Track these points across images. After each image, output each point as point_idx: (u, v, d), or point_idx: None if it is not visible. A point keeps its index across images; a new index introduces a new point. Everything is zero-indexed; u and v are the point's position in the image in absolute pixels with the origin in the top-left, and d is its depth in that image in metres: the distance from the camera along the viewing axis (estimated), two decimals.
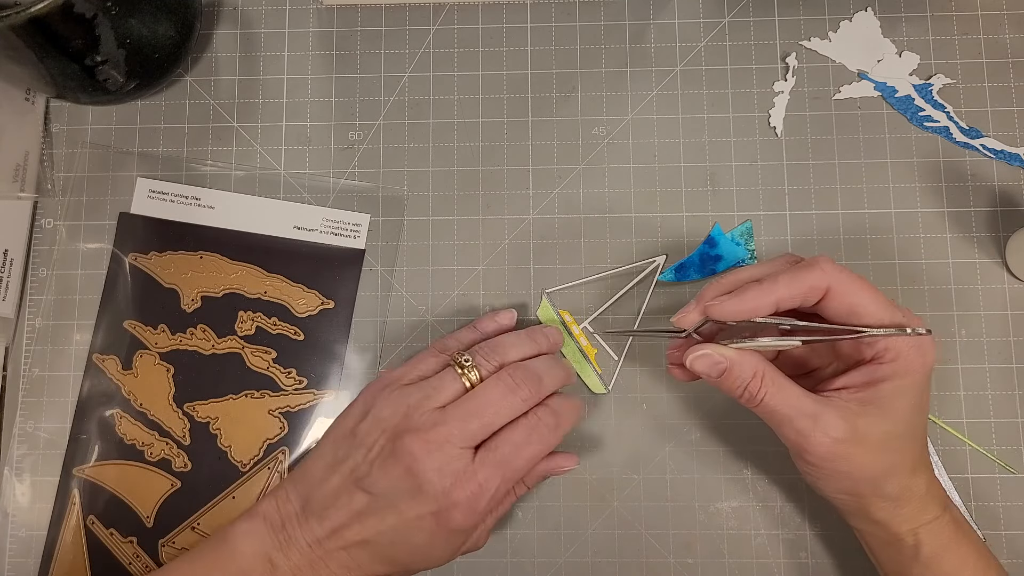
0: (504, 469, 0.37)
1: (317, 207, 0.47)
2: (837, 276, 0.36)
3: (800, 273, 0.36)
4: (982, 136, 0.47)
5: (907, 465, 0.37)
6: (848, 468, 0.36)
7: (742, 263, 0.46)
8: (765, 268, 0.38)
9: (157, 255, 0.47)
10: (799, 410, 0.36)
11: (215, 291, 0.47)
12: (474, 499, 0.37)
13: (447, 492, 0.36)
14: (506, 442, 0.38)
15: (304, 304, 0.47)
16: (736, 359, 0.37)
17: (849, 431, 0.36)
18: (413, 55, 0.48)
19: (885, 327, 0.36)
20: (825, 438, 0.36)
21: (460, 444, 0.37)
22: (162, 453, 0.45)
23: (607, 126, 0.48)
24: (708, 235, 0.46)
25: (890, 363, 0.36)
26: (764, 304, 0.36)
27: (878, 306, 0.36)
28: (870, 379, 0.36)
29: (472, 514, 0.37)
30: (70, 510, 0.45)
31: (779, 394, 0.36)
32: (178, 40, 0.45)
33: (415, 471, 0.36)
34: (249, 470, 0.45)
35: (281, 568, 0.38)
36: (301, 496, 0.39)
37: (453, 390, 0.38)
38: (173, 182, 0.48)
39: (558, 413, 0.39)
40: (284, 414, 0.46)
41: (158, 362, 0.46)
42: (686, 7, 0.48)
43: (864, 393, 0.36)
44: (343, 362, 0.46)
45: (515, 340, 0.41)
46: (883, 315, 0.36)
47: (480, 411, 0.37)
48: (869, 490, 0.37)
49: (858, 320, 0.36)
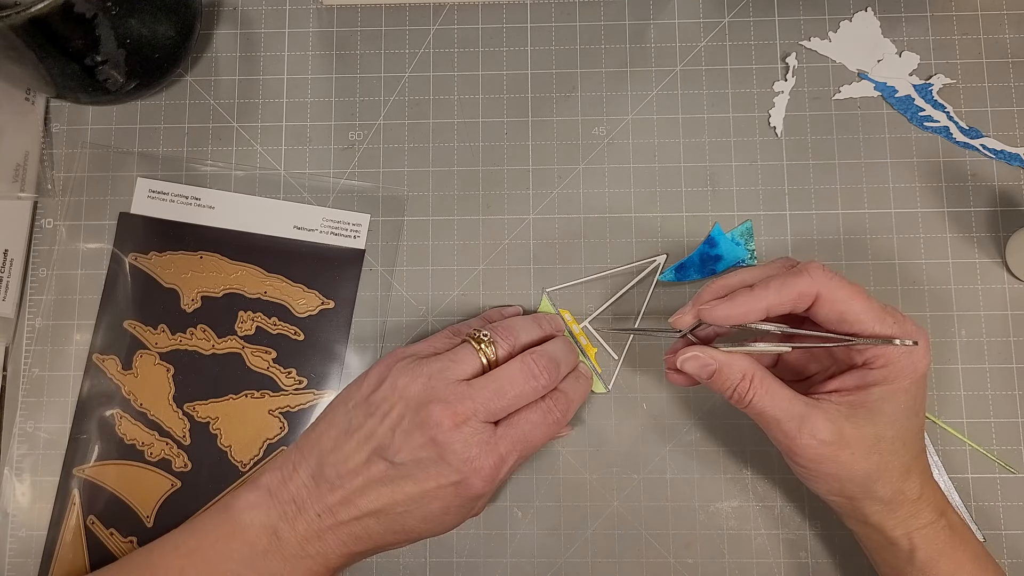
0: (522, 445, 0.38)
1: (317, 207, 0.47)
2: (826, 283, 0.36)
3: (790, 280, 0.36)
4: (982, 136, 0.47)
5: (897, 468, 0.37)
6: (835, 470, 0.37)
7: (742, 263, 0.46)
8: (759, 272, 0.38)
9: (157, 255, 0.47)
10: (787, 412, 0.37)
11: (215, 291, 0.47)
12: (495, 469, 0.37)
13: (470, 461, 0.37)
14: (525, 420, 0.38)
15: (304, 304, 0.47)
16: (725, 361, 0.38)
17: (836, 433, 0.36)
18: (413, 55, 0.48)
19: (876, 335, 0.36)
20: (812, 440, 0.36)
21: (483, 419, 0.37)
22: (162, 453, 0.45)
23: (607, 126, 0.48)
24: (708, 235, 0.46)
25: (880, 368, 0.36)
26: (754, 309, 0.37)
27: (868, 314, 0.36)
28: (860, 383, 0.37)
29: (491, 483, 0.38)
30: (70, 510, 0.45)
31: (768, 396, 0.37)
32: (178, 40, 0.45)
33: (439, 441, 0.36)
34: (249, 470, 0.45)
35: (287, 539, 0.38)
36: (311, 465, 0.39)
37: (471, 363, 0.39)
38: (173, 182, 0.48)
39: (570, 398, 0.40)
40: (284, 414, 0.46)
41: (158, 362, 0.46)
42: (686, 7, 0.48)
43: (854, 396, 0.37)
44: (343, 362, 0.46)
45: (525, 323, 0.42)
46: (873, 323, 0.36)
47: (504, 392, 0.38)
48: (860, 492, 0.37)
49: (848, 327, 0.37)
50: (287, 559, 0.38)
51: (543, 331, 0.42)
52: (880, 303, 0.37)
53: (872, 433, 0.36)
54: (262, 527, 0.38)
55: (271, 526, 0.38)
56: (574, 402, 0.41)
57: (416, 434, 0.37)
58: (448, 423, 0.37)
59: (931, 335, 0.45)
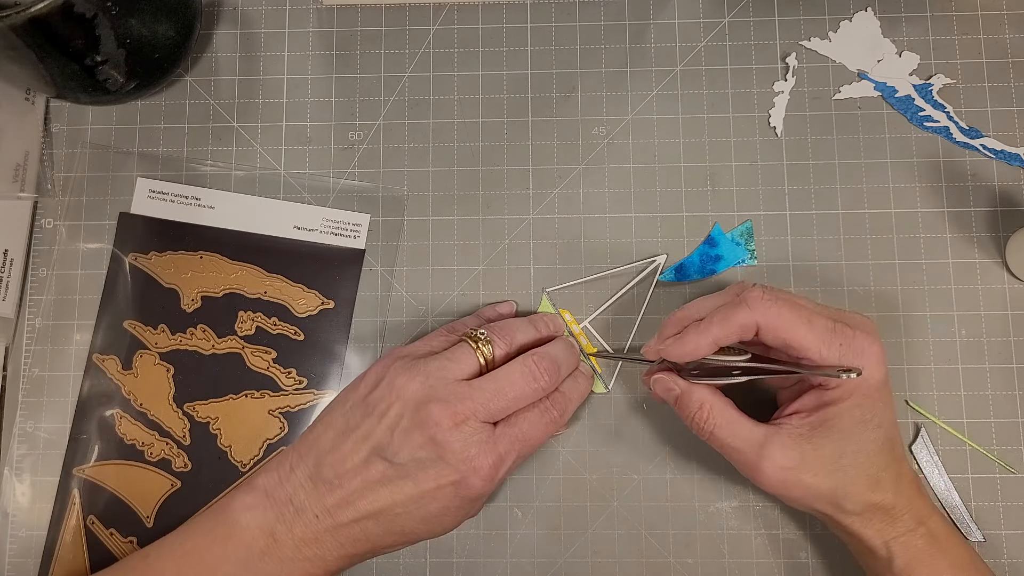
0: (521, 444, 0.38)
1: (317, 207, 0.47)
2: (764, 312, 0.37)
3: (729, 312, 0.37)
4: (982, 136, 0.47)
5: (864, 482, 0.37)
6: (801, 493, 0.37)
7: (742, 263, 0.46)
8: (711, 302, 0.39)
9: (157, 255, 0.47)
10: (747, 441, 0.37)
11: (215, 291, 0.47)
12: (494, 468, 0.37)
13: (469, 460, 0.37)
14: (524, 420, 0.39)
15: (304, 304, 0.47)
16: (685, 389, 0.39)
17: (796, 458, 0.37)
18: (413, 55, 0.48)
19: (820, 364, 0.37)
20: (773, 467, 0.37)
21: (482, 419, 0.37)
22: (162, 453, 0.45)
23: (607, 126, 0.48)
24: (708, 235, 0.46)
25: (834, 389, 0.37)
26: (703, 345, 0.37)
27: (811, 338, 0.37)
28: (818, 403, 0.38)
29: (490, 483, 0.37)
30: (70, 510, 0.45)
31: (727, 427, 0.38)
32: (178, 40, 0.45)
33: (439, 440, 0.36)
34: (249, 470, 0.45)
35: (284, 542, 0.37)
36: (309, 466, 0.38)
37: (469, 363, 0.39)
38: (173, 182, 0.48)
39: (568, 398, 0.41)
40: (284, 414, 0.46)
41: (158, 362, 0.46)
42: (686, 7, 0.48)
43: (813, 417, 0.38)
44: (343, 362, 0.46)
45: (522, 324, 0.42)
46: (819, 347, 0.37)
47: (504, 392, 0.38)
48: (830, 508, 0.38)
49: (795, 353, 0.37)
50: (284, 562, 0.37)
51: (539, 332, 0.42)
52: (826, 321, 0.37)
53: (832, 451, 0.37)
54: (259, 529, 0.38)
55: (268, 528, 0.38)
56: (572, 402, 0.41)
57: (415, 433, 0.37)
58: (447, 422, 0.36)
59: (931, 335, 0.45)
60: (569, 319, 0.46)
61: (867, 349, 0.37)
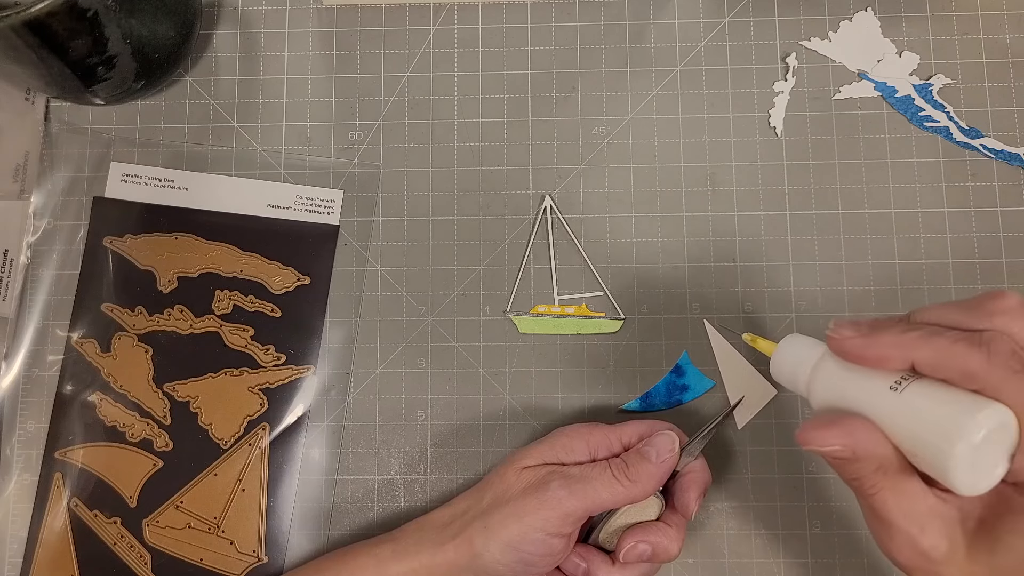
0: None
1: (291, 184, 0.47)
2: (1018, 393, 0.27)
3: (961, 353, 0.28)
4: (982, 136, 0.47)
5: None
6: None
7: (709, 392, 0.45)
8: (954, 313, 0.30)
9: (132, 238, 0.47)
10: (909, 517, 0.29)
11: (191, 271, 0.47)
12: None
13: None
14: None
15: (280, 281, 0.47)
16: (859, 433, 0.29)
17: (950, 553, 0.28)
18: (413, 55, 0.48)
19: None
20: (919, 557, 0.29)
21: None
22: (143, 434, 0.46)
23: (607, 126, 0.48)
24: (676, 363, 0.46)
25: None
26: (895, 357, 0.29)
27: None
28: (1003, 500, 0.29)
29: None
30: (54, 494, 0.45)
31: (895, 496, 0.29)
32: (178, 40, 0.45)
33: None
34: (230, 447, 0.46)
35: None
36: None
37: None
38: (148, 164, 0.48)
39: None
40: (264, 390, 0.46)
41: (136, 344, 0.46)
42: (686, 7, 0.48)
43: (990, 511, 0.29)
44: (321, 337, 0.46)
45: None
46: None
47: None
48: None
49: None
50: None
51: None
52: None
53: (987, 562, 0.28)
54: None
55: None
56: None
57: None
58: None
59: None
60: (543, 309, 0.46)
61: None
